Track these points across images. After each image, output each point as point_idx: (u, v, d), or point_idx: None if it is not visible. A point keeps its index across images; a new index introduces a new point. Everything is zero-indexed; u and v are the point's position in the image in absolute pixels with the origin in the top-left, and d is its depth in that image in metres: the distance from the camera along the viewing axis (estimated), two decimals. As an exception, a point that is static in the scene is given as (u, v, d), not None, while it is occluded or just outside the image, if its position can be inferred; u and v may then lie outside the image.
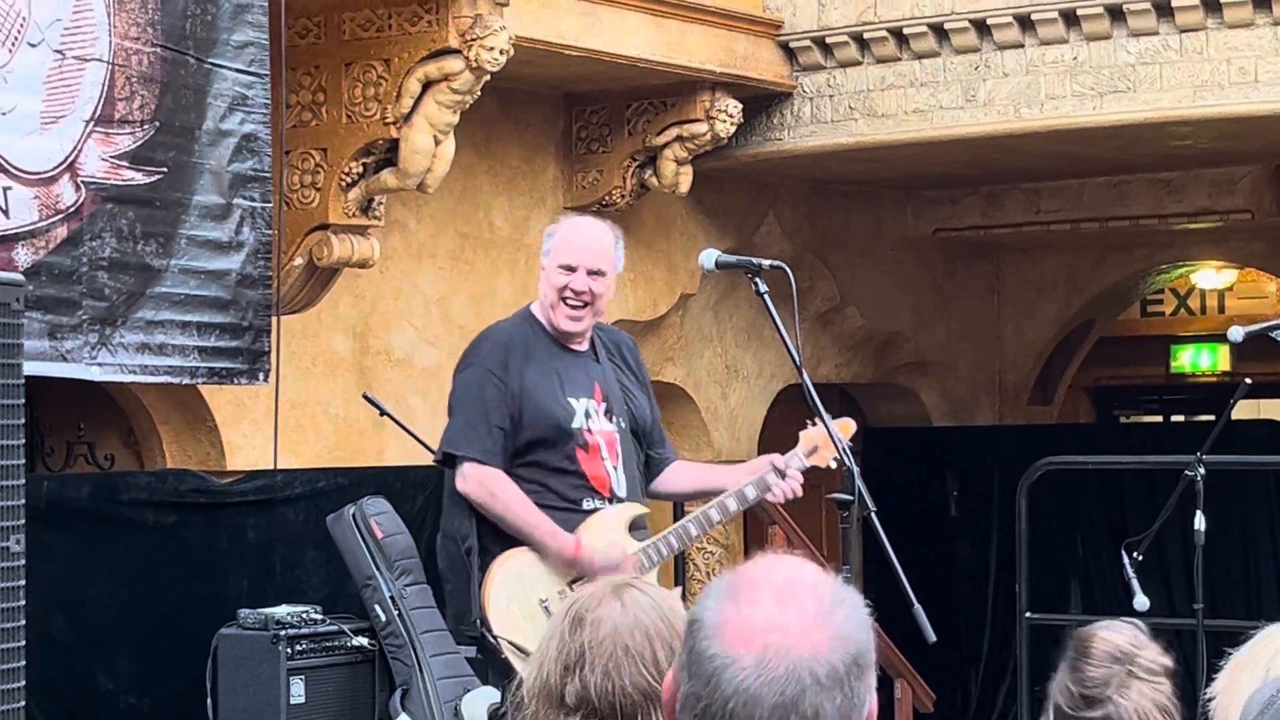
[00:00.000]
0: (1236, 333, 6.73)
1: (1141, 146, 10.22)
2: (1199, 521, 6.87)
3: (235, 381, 6.88)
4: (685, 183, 9.79)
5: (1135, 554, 7.07)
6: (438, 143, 7.71)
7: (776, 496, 5.70)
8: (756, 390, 11.43)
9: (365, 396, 8.15)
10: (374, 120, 7.68)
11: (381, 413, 7.97)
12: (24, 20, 5.97)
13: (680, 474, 6.01)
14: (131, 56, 6.31)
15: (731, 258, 5.64)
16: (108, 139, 6.24)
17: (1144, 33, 9.01)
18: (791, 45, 9.81)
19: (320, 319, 8.59)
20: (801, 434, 5.74)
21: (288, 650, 7.09)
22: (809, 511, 10.24)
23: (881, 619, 2.16)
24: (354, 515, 7.39)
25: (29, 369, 5.06)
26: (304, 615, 7.25)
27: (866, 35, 9.62)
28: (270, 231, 6.87)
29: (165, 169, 6.45)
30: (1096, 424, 16.50)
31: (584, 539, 5.52)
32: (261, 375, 6.86)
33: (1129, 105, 9.14)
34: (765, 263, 5.51)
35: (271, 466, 7.60)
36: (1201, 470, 6.88)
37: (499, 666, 5.49)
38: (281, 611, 7.23)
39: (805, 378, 5.33)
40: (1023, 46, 9.31)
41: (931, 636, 5.04)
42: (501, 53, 7.53)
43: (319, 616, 7.33)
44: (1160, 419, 17.34)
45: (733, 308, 11.12)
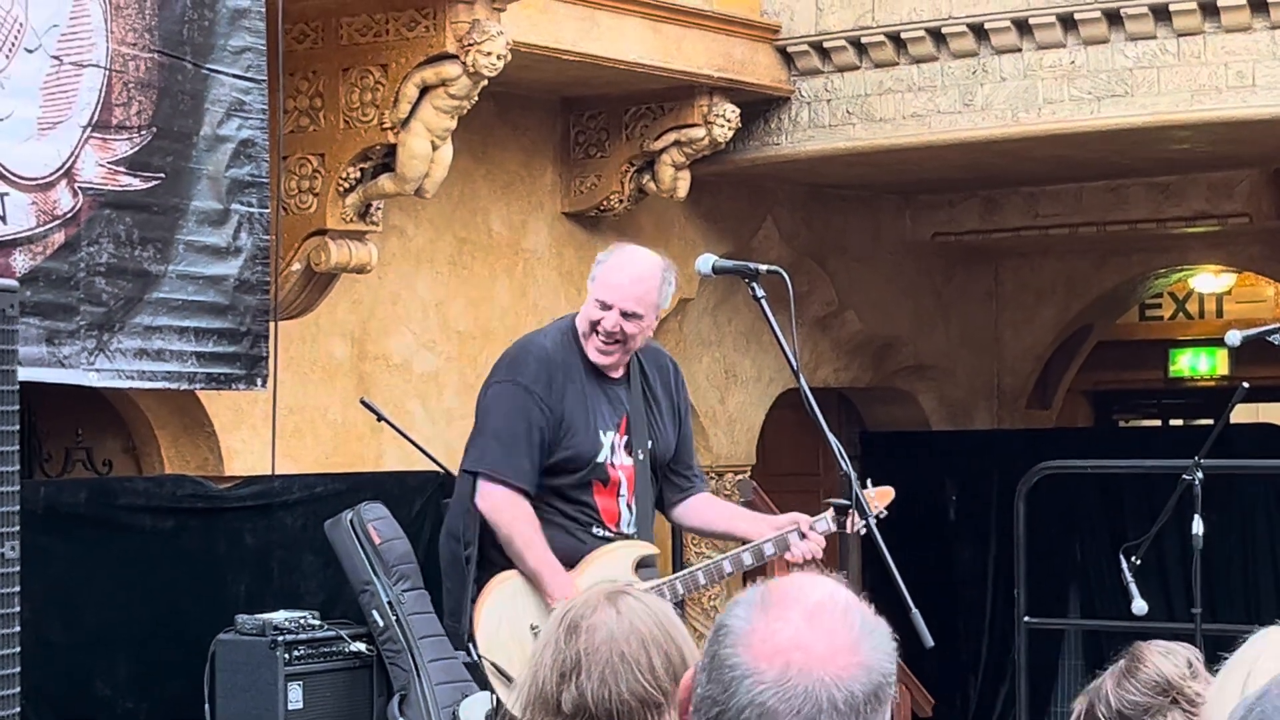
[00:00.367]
0: (1234, 337, 6.72)
1: (1140, 151, 10.21)
2: (1197, 525, 6.86)
3: (233, 387, 6.87)
4: (683, 187, 9.78)
5: (1134, 558, 7.07)
6: (435, 148, 7.70)
7: (794, 556, 5.61)
8: (755, 395, 11.42)
9: (363, 402, 8.16)
10: (371, 125, 7.66)
11: (379, 418, 7.98)
12: (21, 26, 5.96)
13: (705, 512, 5.93)
14: (129, 62, 6.30)
15: (729, 262, 5.64)
16: (105, 144, 6.23)
17: (1142, 37, 9.01)
18: (789, 50, 9.81)
19: (318, 324, 8.58)
20: (831, 502, 5.60)
21: (285, 655, 7.09)
22: (808, 512, 10.20)
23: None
24: (352, 520, 7.38)
25: (26, 375, 5.06)
26: (302, 620, 7.25)
27: (864, 40, 9.61)
28: (268, 237, 6.85)
29: (163, 174, 6.44)
30: (1095, 428, 16.48)
31: (581, 584, 5.39)
32: (259, 380, 6.85)
33: (1127, 109, 9.13)
34: (763, 268, 5.51)
35: (269, 472, 7.59)
36: (1200, 474, 6.87)
37: (486, 682, 5.48)
38: (279, 617, 7.23)
39: (803, 383, 5.33)
40: (1020, 51, 9.31)
41: (929, 641, 5.04)
42: (499, 58, 7.52)
43: (317, 622, 7.32)
44: (1159, 423, 17.31)
45: (731, 312, 11.11)
